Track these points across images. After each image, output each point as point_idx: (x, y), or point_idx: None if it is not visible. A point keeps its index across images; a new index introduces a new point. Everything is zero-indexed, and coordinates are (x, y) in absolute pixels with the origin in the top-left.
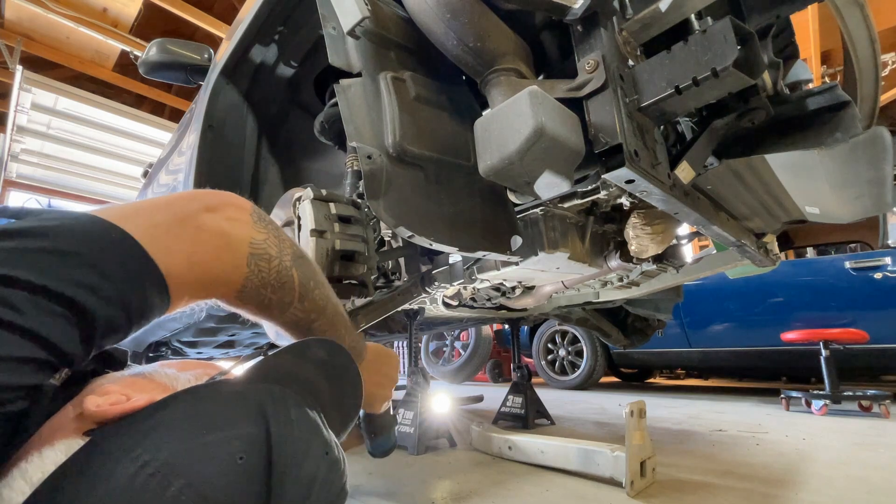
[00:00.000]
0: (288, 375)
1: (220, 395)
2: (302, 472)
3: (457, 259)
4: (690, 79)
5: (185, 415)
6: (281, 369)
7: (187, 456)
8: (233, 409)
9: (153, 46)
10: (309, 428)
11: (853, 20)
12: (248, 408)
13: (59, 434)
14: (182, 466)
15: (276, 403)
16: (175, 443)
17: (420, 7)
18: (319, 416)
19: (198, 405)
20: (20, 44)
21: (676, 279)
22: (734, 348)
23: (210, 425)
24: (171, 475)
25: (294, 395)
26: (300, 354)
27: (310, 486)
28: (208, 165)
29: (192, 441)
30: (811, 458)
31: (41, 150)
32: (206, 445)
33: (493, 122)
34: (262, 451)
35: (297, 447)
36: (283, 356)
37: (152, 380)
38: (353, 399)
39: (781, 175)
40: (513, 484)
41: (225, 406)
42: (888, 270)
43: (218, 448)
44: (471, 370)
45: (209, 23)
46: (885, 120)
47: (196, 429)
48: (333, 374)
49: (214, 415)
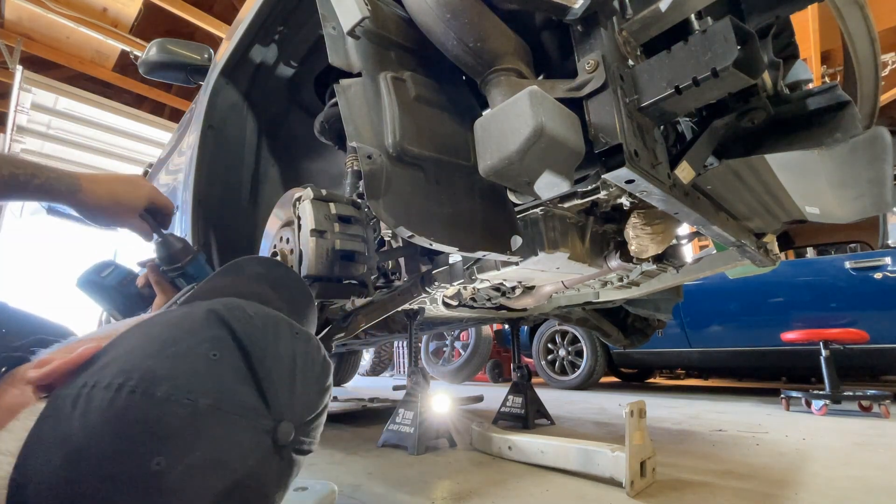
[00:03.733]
0: (231, 292)
1: (171, 317)
2: (279, 352)
3: (457, 259)
4: (690, 79)
5: (144, 340)
6: (222, 289)
7: (160, 368)
8: (187, 323)
9: (153, 46)
10: (269, 317)
11: (853, 20)
12: (203, 317)
13: (15, 409)
14: (159, 376)
15: (228, 308)
16: (142, 362)
17: (420, 7)
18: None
19: (152, 330)
20: (20, 44)
21: (676, 279)
22: (734, 348)
23: (172, 340)
24: (153, 384)
25: (243, 301)
26: (236, 272)
27: (292, 361)
28: (208, 165)
29: (158, 356)
30: (811, 458)
31: (41, 150)
32: (176, 355)
33: (493, 122)
34: (233, 346)
35: (265, 333)
36: (217, 278)
37: (89, 339)
38: (305, 301)
39: (781, 175)
40: (513, 484)
41: (178, 323)
42: (888, 270)
43: (188, 354)
44: (471, 370)
45: (209, 23)
46: (885, 120)
47: (159, 347)
48: (277, 283)
49: (171, 332)
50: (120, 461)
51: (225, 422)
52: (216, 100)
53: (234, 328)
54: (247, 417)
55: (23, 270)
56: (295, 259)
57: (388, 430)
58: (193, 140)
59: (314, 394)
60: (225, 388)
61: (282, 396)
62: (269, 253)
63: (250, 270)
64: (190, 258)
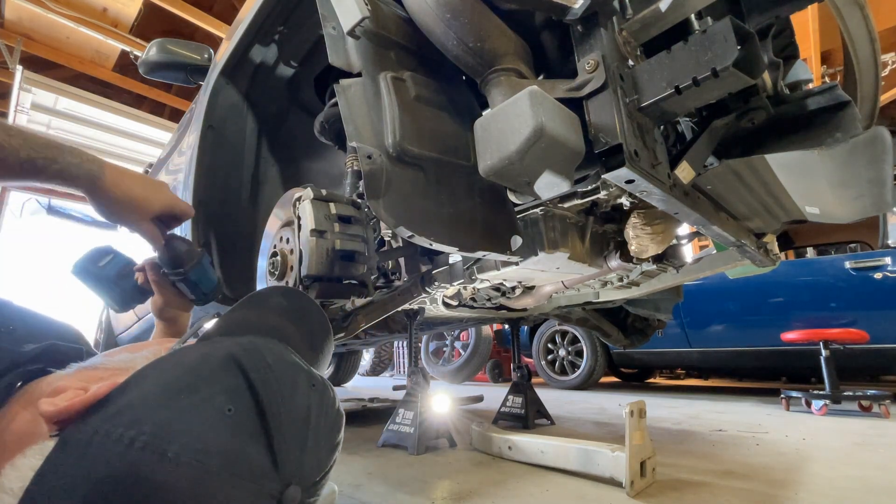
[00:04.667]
0: (251, 327)
1: (187, 359)
2: (295, 406)
3: (457, 259)
4: (690, 79)
5: (158, 386)
6: (242, 323)
7: (173, 421)
8: (205, 369)
9: (153, 46)
10: (288, 366)
11: (853, 20)
12: (221, 363)
13: (26, 441)
14: (172, 432)
15: (247, 353)
16: (156, 413)
17: (420, 7)
18: (295, 355)
19: (167, 374)
20: (20, 44)
21: (676, 279)
22: (734, 348)
23: (186, 389)
24: (164, 442)
25: (262, 341)
26: (258, 305)
27: (306, 417)
28: (208, 165)
29: (173, 407)
30: (811, 458)
31: None
32: (190, 408)
33: (493, 122)
34: (248, 398)
35: (282, 386)
36: (239, 311)
37: (105, 368)
38: (323, 334)
39: (781, 175)
40: (513, 484)
41: (196, 368)
42: (888, 270)
43: (202, 407)
44: (471, 370)
45: (209, 23)
46: (885, 120)
47: (173, 395)
48: (297, 315)
49: (188, 378)
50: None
51: (232, 485)
52: (216, 100)
53: (251, 379)
54: (255, 482)
55: (23, 270)
56: (295, 259)
57: (388, 430)
58: (193, 140)
59: (325, 452)
60: (236, 448)
61: (292, 458)
62: (269, 253)
63: (273, 302)
64: (193, 263)
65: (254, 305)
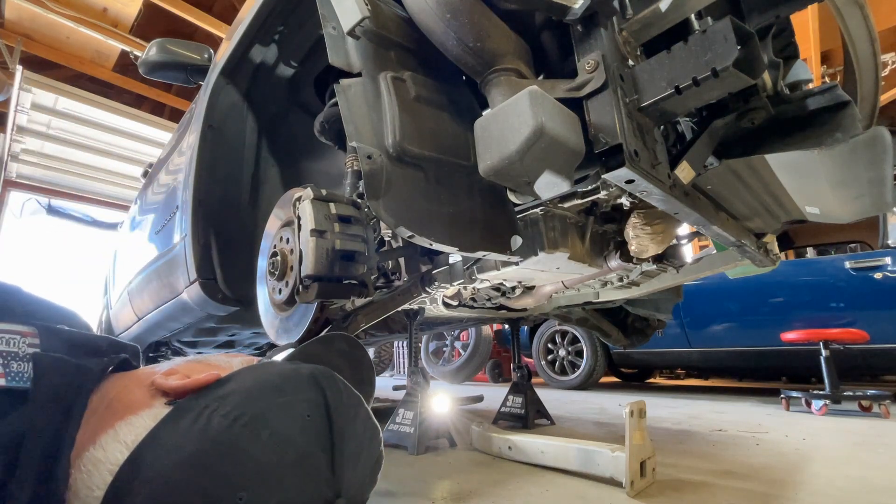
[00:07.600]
0: (321, 360)
1: (279, 369)
2: (354, 431)
3: (457, 259)
4: (690, 79)
5: (256, 383)
6: (315, 355)
7: (267, 412)
8: (294, 380)
9: (153, 46)
10: (354, 396)
11: (853, 20)
12: (307, 378)
13: (137, 407)
14: (267, 419)
15: (326, 377)
16: (255, 403)
17: (420, 7)
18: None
19: (264, 376)
20: (20, 44)
21: (676, 279)
22: (734, 348)
23: (278, 391)
24: (260, 426)
25: (336, 373)
26: (328, 345)
27: (362, 441)
28: (208, 165)
29: (268, 401)
30: (811, 459)
31: (41, 149)
32: (281, 405)
33: (493, 122)
34: (323, 412)
35: (348, 411)
36: (313, 346)
37: (208, 363)
38: (369, 383)
39: (781, 175)
40: (513, 484)
41: (287, 377)
42: (888, 270)
43: (290, 407)
44: (471, 370)
45: (209, 23)
46: (885, 120)
47: (268, 393)
48: (353, 362)
49: (280, 384)
50: (215, 482)
51: (302, 477)
52: (216, 100)
53: (327, 397)
54: (317, 481)
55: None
56: (295, 259)
57: (388, 430)
58: (193, 140)
59: (368, 479)
60: (310, 448)
61: (347, 473)
62: (269, 252)
63: (338, 345)
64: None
65: (324, 343)
